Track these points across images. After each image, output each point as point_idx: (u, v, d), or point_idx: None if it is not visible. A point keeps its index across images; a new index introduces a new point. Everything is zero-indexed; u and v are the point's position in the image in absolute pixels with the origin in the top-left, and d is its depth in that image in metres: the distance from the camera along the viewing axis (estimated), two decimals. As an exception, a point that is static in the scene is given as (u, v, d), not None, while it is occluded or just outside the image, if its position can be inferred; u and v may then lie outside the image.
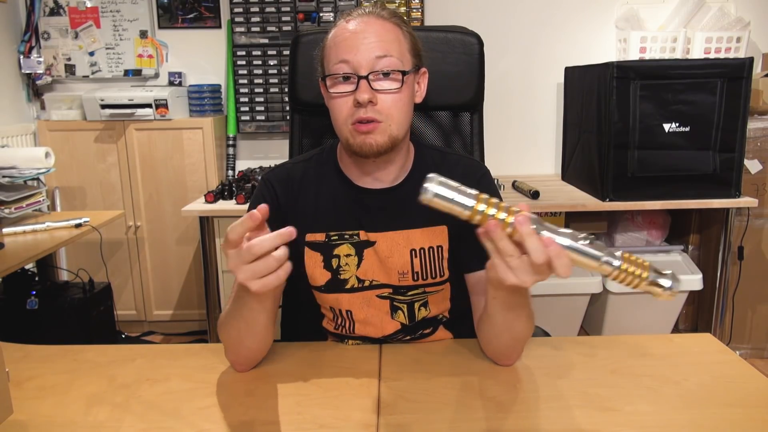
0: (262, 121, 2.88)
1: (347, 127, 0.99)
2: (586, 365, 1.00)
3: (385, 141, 0.98)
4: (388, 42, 0.98)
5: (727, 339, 2.55)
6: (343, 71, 0.97)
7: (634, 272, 0.71)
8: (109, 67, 2.91)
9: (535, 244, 0.71)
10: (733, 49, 2.54)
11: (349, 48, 0.96)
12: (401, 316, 1.07)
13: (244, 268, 0.77)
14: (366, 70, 0.96)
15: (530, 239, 0.71)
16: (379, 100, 0.97)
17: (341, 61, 0.97)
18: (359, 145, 0.98)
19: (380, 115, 0.97)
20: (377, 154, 0.99)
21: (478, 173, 1.10)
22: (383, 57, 0.96)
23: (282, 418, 0.86)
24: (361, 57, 0.96)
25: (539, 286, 2.44)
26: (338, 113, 0.99)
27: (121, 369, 1.01)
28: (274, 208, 1.06)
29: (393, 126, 0.99)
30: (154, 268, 2.86)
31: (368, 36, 0.97)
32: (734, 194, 2.26)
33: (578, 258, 0.72)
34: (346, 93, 0.97)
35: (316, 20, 2.77)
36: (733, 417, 0.84)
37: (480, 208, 0.72)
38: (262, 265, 0.76)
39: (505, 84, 2.86)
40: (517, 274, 0.74)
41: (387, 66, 0.97)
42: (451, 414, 0.86)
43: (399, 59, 0.98)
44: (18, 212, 2.15)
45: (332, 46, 0.99)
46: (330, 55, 0.99)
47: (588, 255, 0.72)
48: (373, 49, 0.96)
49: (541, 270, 0.73)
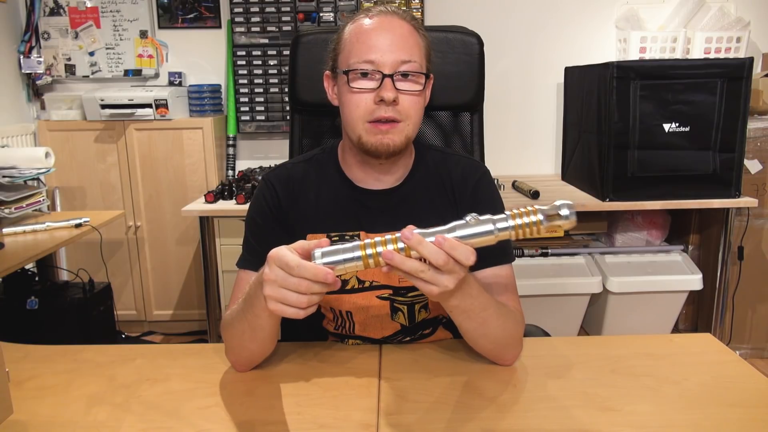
0: (262, 121, 2.88)
1: (362, 124, 0.98)
2: (586, 365, 0.99)
3: (402, 141, 0.99)
4: (411, 47, 0.98)
5: (727, 339, 2.55)
6: (367, 68, 0.97)
7: (529, 222, 0.74)
8: (109, 67, 2.91)
9: (429, 248, 0.74)
10: (733, 49, 2.54)
11: (375, 47, 0.96)
12: (401, 317, 1.07)
13: (276, 287, 0.77)
14: (390, 69, 0.96)
15: (422, 247, 0.75)
16: (400, 100, 0.97)
17: (366, 60, 0.96)
18: (374, 145, 0.98)
19: (400, 115, 0.97)
20: (391, 154, 1.00)
21: (477, 173, 1.10)
22: (407, 62, 0.97)
23: (282, 418, 0.86)
24: (387, 58, 0.96)
25: (539, 286, 2.44)
26: (354, 108, 0.98)
27: (121, 369, 1.01)
28: (274, 208, 1.07)
29: (410, 127, 1.00)
30: (154, 268, 2.86)
31: (394, 37, 0.97)
32: (734, 194, 2.26)
33: (474, 240, 0.76)
34: (367, 89, 0.97)
35: (316, 20, 2.77)
36: (733, 417, 0.84)
37: (368, 252, 0.75)
38: (294, 298, 0.77)
39: (506, 84, 2.86)
40: (436, 282, 0.77)
41: (410, 68, 0.97)
42: (451, 414, 0.86)
43: (420, 64, 0.99)
44: (18, 212, 2.15)
45: (354, 41, 0.98)
46: (352, 50, 0.98)
47: (480, 234, 0.76)
48: (399, 51, 0.96)
49: (450, 268, 0.76)
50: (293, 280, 0.76)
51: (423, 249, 0.74)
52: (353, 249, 0.76)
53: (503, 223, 0.75)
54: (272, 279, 0.77)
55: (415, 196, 1.07)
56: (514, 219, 0.75)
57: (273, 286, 0.77)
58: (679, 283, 2.49)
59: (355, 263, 0.76)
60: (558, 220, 0.73)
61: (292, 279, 0.76)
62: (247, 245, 1.07)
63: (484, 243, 0.76)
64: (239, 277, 1.05)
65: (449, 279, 0.77)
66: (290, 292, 0.76)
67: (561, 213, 0.73)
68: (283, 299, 0.77)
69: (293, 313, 0.77)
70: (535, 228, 0.74)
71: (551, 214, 0.74)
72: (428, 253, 0.74)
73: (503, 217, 0.75)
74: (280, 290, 0.77)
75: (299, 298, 0.76)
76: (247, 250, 1.06)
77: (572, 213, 0.73)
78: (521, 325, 1.01)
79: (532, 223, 0.74)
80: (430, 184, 1.09)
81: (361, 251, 0.75)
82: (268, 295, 0.77)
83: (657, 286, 2.48)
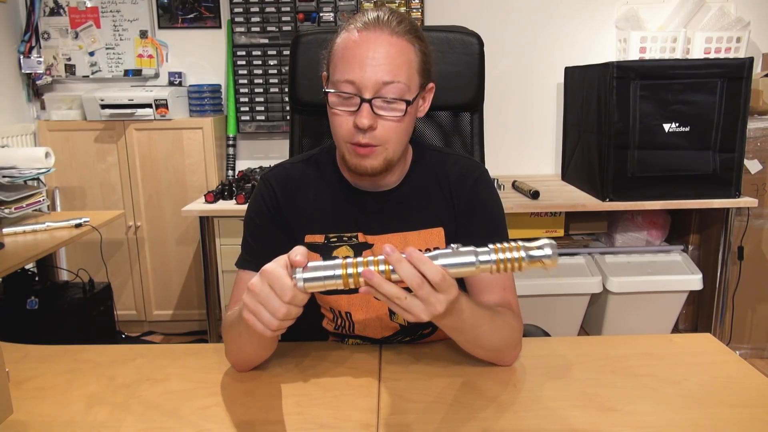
0: (262, 121, 2.88)
1: (345, 144, 0.98)
2: (586, 365, 0.99)
3: (380, 164, 0.98)
4: (397, 66, 0.93)
5: (727, 339, 2.55)
6: (347, 90, 0.94)
7: (511, 258, 0.74)
8: (109, 67, 2.91)
9: (406, 269, 0.73)
10: (733, 49, 2.54)
11: (357, 66, 0.92)
12: (400, 317, 1.07)
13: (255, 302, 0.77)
14: (370, 93, 0.92)
15: (400, 265, 0.73)
16: (379, 125, 0.94)
17: (346, 80, 0.93)
18: (355, 166, 0.98)
19: (377, 140, 0.95)
20: (371, 175, 0.99)
21: (475, 173, 1.09)
22: (390, 83, 0.92)
23: (282, 418, 0.86)
24: (368, 79, 0.91)
25: (539, 286, 2.44)
26: (337, 128, 0.98)
27: (121, 369, 1.01)
28: (273, 208, 1.06)
29: (390, 150, 0.97)
30: (154, 268, 2.86)
31: (378, 56, 0.92)
32: (734, 194, 2.26)
33: (456, 271, 0.75)
34: (346, 112, 0.95)
35: (316, 20, 2.77)
36: (733, 417, 0.84)
37: (350, 272, 0.75)
38: (266, 318, 0.77)
39: (506, 84, 2.86)
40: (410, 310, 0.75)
41: (393, 93, 0.93)
42: (450, 414, 0.86)
43: (406, 85, 0.94)
44: (18, 212, 2.15)
45: (340, 57, 0.95)
46: (337, 67, 0.95)
47: (462, 264, 0.75)
48: (381, 72, 0.92)
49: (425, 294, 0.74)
50: (274, 303, 0.76)
51: (400, 268, 0.73)
52: (334, 267, 0.76)
53: (485, 256, 0.74)
54: (256, 292, 0.77)
55: (413, 197, 1.07)
56: (497, 253, 0.74)
57: (254, 299, 0.78)
58: (679, 283, 2.49)
59: (334, 281, 0.75)
60: (541, 259, 0.73)
61: (274, 302, 0.76)
62: (246, 245, 1.07)
63: (466, 274, 0.76)
64: (239, 277, 1.05)
65: (424, 310, 0.75)
66: (265, 311, 0.77)
67: (544, 252, 0.73)
68: (257, 314, 0.78)
69: (261, 330, 0.78)
70: (516, 264, 0.74)
71: (534, 253, 0.74)
72: (405, 273, 0.73)
73: (486, 250, 0.75)
74: (258, 306, 0.77)
75: (270, 320, 0.77)
76: (246, 251, 1.06)
77: (555, 253, 0.73)
78: (519, 326, 1.00)
79: (514, 259, 0.74)
80: (427, 185, 1.08)
81: (342, 270, 0.75)
82: (246, 303, 0.78)
83: (657, 286, 2.48)
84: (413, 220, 1.05)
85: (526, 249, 0.74)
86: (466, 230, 1.05)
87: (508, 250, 0.74)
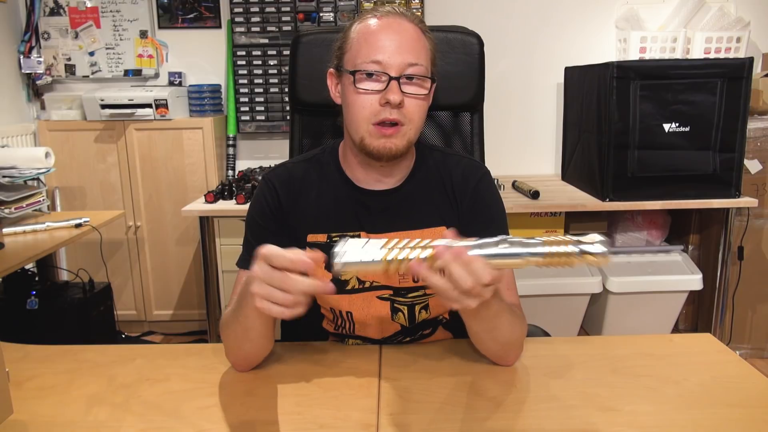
0: (262, 121, 2.88)
1: (366, 126, 0.98)
2: (586, 365, 1.00)
3: (404, 145, 0.99)
4: (418, 49, 0.98)
5: (727, 339, 2.55)
6: (373, 69, 0.96)
7: (562, 252, 0.71)
8: (109, 67, 2.91)
9: (458, 272, 0.72)
10: (733, 49, 2.54)
11: (383, 47, 0.96)
12: (401, 317, 1.07)
13: (263, 285, 0.76)
14: (397, 72, 0.96)
15: (452, 268, 0.72)
16: (405, 103, 0.96)
17: (373, 60, 0.96)
18: (377, 148, 0.98)
19: (405, 118, 0.97)
20: (392, 157, 0.99)
21: (478, 173, 1.10)
22: (414, 65, 0.96)
23: (282, 418, 0.86)
24: (394, 59, 0.95)
25: (539, 286, 2.44)
26: (360, 109, 0.98)
27: (121, 369, 1.01)
28: (275, 208, 1.06)
29: (413, 131, 0.99)
30: (154, 268, 2.86)
31: (402, 39, 0.96)
32: (734, 194, 2.26)
33: (503, 262, 0.73)
34: (373, 91, 0.96)
35: (316, 20, 2.77)
36: (733, 417, 0.84)
37: (390, 258, 0.72)
38: (280, 296, 0.76)
39: (505, 84, 2.86)
40: (459, 302, 0.75)
41: (417, 71, 0.97)
42: (451, 414, 0.86)
43: (426, 67, 0.98)
44: (18, 212, 2.15)
45: (362, 41, 0.98)
46: (360, 50, 0.98)
47: (512, 256, 0.73)
48: (406, 53, 0.96)
49: (477, 293, 0.73)
50: (277, 274, 0.75)
51: (453, 270, 0.72)
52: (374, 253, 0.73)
53: (538, 250, 0.71)
54: (260, 276, 0.77)
55: (416, 196, 1.07)
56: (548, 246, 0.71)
57: (260, 283, 0.77)
58: (679, 283, 2.49)
59: (374, 266, 0.73)
60: (591, 257, 0.71)
61: (276, 274, 0.75)
62: (247, 245, 1.07)
63: (512, 266, 0.74)
64: (239, 276, 1.05)
65: (473, 301, 0.75)
66: (276, 290, 0.76)
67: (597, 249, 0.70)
68: (269, 296, 0.76)
69: (278, 312, 0.76)
70: (566, 258, 0.71)
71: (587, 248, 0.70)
72: (457, 276, 0.72)
73: (537, 242, 0.72)
74: (267, 288, 0.76)
75: (285, 297, 0.76)
76: (247, 250, 1.06)
77: (608, 250, 0.71)
78: (525, 327, 1.01)
79: (566, 254, 0.71)
80: (430, 185, 1.08)
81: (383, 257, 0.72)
82: (256, 292, 0.77)
83: (657, 286, 2.48)
84: (416, 218, 1.05)
85: (579, 244, 0.71)
86: (469, 230, 1.05)
87: (559, 244, 0.72)
